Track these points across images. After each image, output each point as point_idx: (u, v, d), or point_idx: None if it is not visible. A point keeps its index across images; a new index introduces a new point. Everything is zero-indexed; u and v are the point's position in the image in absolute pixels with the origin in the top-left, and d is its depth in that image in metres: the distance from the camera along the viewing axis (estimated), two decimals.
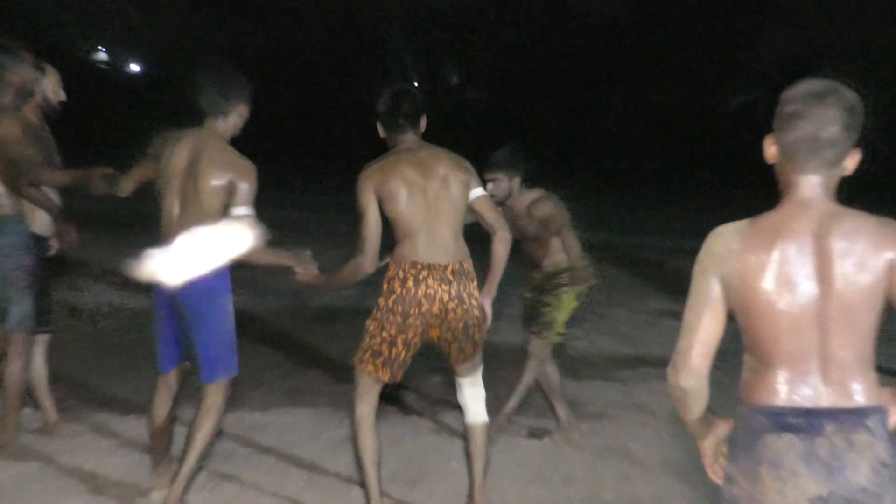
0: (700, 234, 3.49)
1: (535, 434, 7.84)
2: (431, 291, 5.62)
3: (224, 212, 5.76)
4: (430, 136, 6.05)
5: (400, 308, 5.63)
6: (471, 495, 6.00)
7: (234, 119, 6.03)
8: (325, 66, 44.61)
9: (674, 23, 44.28)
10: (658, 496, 6.91)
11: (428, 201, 5.74)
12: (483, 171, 6.89)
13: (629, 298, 13.55)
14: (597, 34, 44.95)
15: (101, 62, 49.73)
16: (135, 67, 49.95)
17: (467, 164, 5.95)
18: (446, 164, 5.86)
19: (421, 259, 5.65)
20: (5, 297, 6.77)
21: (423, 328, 5.67)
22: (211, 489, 6.72)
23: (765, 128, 3.48)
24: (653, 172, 35.36)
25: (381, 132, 5.98)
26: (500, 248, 5.92)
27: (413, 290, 5.61)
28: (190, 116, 5.97)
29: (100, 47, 49.08)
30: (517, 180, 7.14)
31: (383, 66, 44.57)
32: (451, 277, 5.67)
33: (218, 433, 6.44)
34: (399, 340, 5.66)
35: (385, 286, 5.71)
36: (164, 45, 46.51)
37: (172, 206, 5.85)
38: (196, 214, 5.76)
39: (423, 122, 5.99)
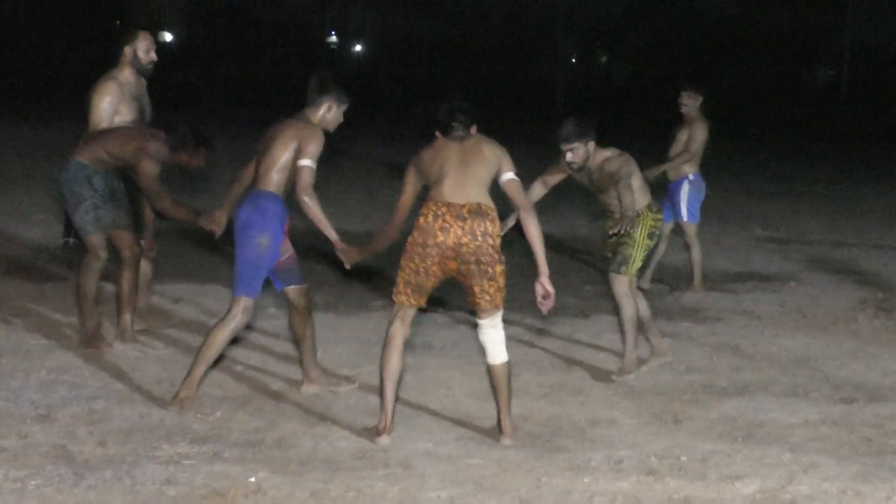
0: (794, 179, 3.25)
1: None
2: (447, 225, 5.28)
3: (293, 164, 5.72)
4: (584, 105, 5.81)
5: (421, 239, 5.33)
6: (499, 422, 5.57)
7: (322, 111, 5.88)
8: (501, 50, 44.40)
9: (772, 11, 43.11)
10: (763, 383, 6.74)
11: (457, 158, 5.42)
12: (561, 142, 6.55)
13: (738, 227, 13.28)
14: (711, 21, 44.09)
15: (333, 43, 50.22)
16: (358, 48, 50.39)
17: (502, 151, 5.55)
18: (482, 142, 5.54)
19: (442, 199, 5.34)
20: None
21: (439, 258, 5.32)
22: (414, 372, 6.70)
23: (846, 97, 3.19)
24: (755, 132, 34.53)
25: (438, 137, 5.63)
26: (530, 225, 5.45)
27: (431, 224, 5.31)
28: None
29: (332, 31, 49.54)
30: (592, 144, 6.63)
31: (546, 49, 44.23)
32: (465, 215, 5.30)
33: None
34: (421, 269, 5.36)
35: (415, 223, 5.40)
36: (379, 31, 46.84)
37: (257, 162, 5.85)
38: (270, 165, 5.74)
39: (474, 129, 5.62)
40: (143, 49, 6.81)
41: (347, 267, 5.94)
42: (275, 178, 5.76)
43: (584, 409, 6.08)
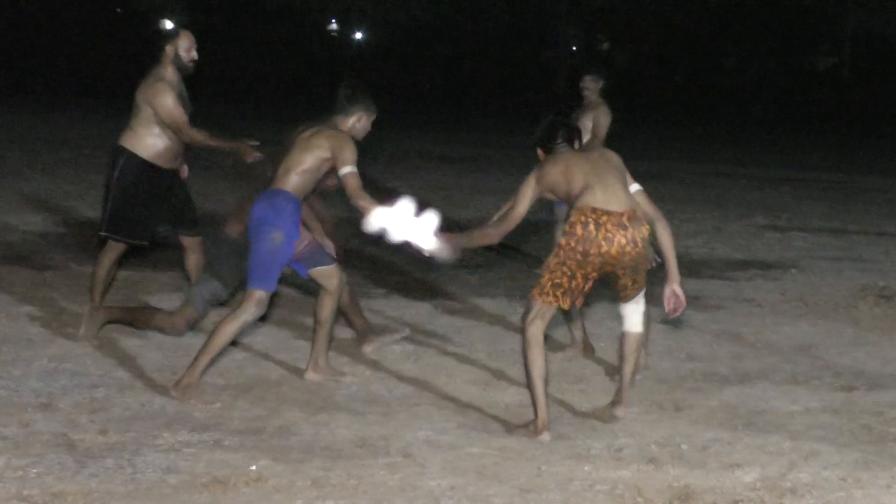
0: (795, 166, 3.24)
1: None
2: (610, 235, 5.30)
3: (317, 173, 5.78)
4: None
5: (581, 248, 5.32)
6: (618, 391, 5.71)
7: (352, 120, 5.88)
8: (503, 36, 44.24)
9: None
10: (764, 371, 6.75)
11: (593, 167, 5.46)
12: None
13: (739, 215, 13.29)
14: (712, 7, 43.94)
15: (333, 31, 50.09)
16: (359, 35, 50.27)
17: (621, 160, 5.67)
18: (605, 152, 5.68)
19: (600, 206, 5.35)
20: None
21: (600, 265, 5.37)
22: (415, 360, 6.70)
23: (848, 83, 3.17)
24: (757, 119, 34.49)
25: (540, 154, 5.69)
26: (665, 236, 5.54)
27: (594, 233, 5.31)
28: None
29: (332, 19, 49.42)
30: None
31: (547, 36, 44.10)
32: (626, 223, 5.34)
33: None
34: (579, 274, 5.37)
35: (567, 229, 5.39)
36: (380, 19, 46.70)
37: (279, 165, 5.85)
38: (291, 167, 5.76)
39: (577, 145, 5.71)
40: (184, 48, 6.82)
41: (447, 260, 5.85)
42: (294, 180, 5.74)
43: (585, 397, 6.08)
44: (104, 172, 7.05)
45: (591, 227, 5.30)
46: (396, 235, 5.63)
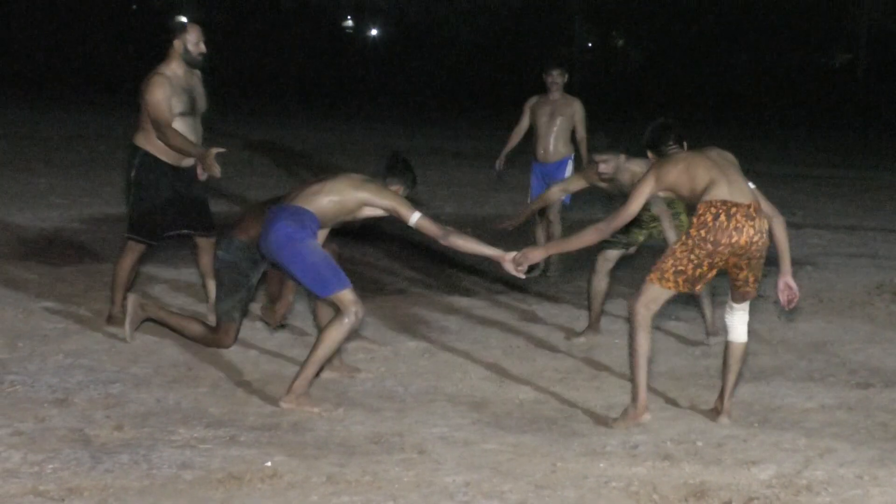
0: (810, 163, 3.22)
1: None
2: (740, 226, 5.37)
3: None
4: (599, 89, 5.84)
5: (711, 237, 5.39)
6: (720, 398, 5.72)
7: (395, 189, 5.87)
8: (518, 34, 44.17)
9: None
10: (779, 368, 6.74)
11: (715, 162, 5.55)
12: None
13: None
14: (727, 4, 43.80)
15: (349, 28, 50.11)
16: (374, 32, 50.28)
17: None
18: (719, 150, 5.71)
19: (729, 198, 5.42)
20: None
21: (729, 255, 5.43)
22: (429, 356, 6.70)
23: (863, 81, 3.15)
24: (771, 115, 34.37)
25: (651, 157, 5.85)
26: (781, 230, 5.62)
27: (725, 224, 5.38)
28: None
29: (347, 16, 49.45)
30: (622, 157, 6.82)
31: (563, 33, 44.03)
32: (754, 214, 5.42)
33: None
34: (705, 263, 5.44)
35: (696, 220, 5.45)
36: (394, 17, 46.69)
37: None
38: (323, 192, 5.73)
39: (685, 145, 5.81)
40: (192, 42, 6.79)
41: (523, 276, 5.91)
42: (322, 204, 5.66)
43: (600, 395, 6.07)
44: (123, 171, 7.05)
45: (723, 217, 5.38)
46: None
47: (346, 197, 5.69)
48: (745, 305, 5.71)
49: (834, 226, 12.43)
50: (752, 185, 5.62)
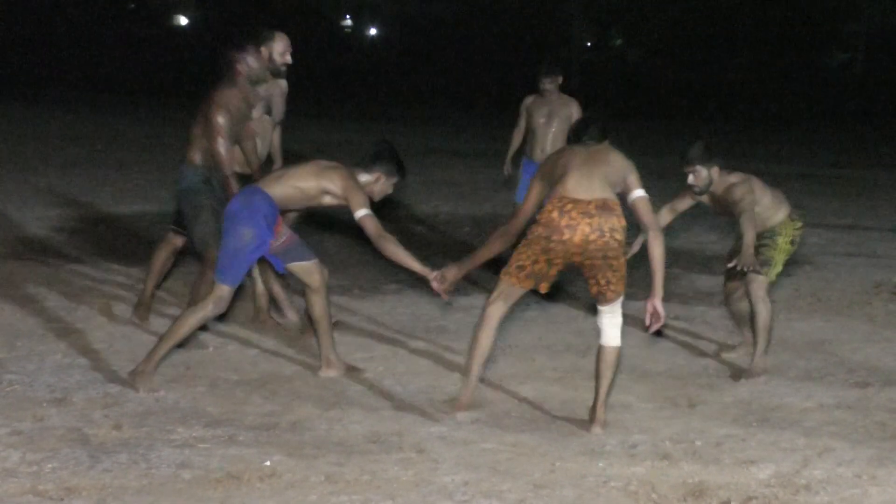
0: (808, 162, 3.21)
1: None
2: (574, 223, 5.25)
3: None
4: (599, 89, 5.84)
5: (546, 233, 5.30)
6: (593, 408, 5.53)
7: (370, 178, 5.88)
8: (516, 33, 44.17)
9: None
10: (778, 367, 6.72)
11: (582, 159, 5.42)
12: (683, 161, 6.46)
13: None
14: (727, 4, 43.82)
15: (347, 27, 50.15)
16: (373, 31, 50.31)
17: (631, 164, 5.53)
18: (610, 151, 5.55)
19: (568, 194, 5.32)
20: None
21: (563, 253, 5.31)
22: (427, 355, 6.70)
23: (861, 81, 3.14)
24: (769, 116, 34.39)
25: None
26: (655, 246, 5.38)
27: (557, 220, 5.28)
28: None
29: (346, 15, 49.49)
30: (715, 169, 6.46)
31: (561, 32, 44.03)
32: (593, 211, 5.27)
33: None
34: (542, 259, 5.35)
35: (539, 217, 5.39)
36: (393, 15, 46.75)
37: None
38: (286, 177, 5.85)
39: (606, 142, 5.68)
40: (279, 51, 6.76)
41: (446, 298, 5.93)
42: (283, 189, 5.75)
43: None
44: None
45: (556, 213, 5.30)
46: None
47: (307, 184, 5.79)
48: (613, 308, 5.47)
49: (832, 225, 12.43)
50: (639, 194, 5.42)
